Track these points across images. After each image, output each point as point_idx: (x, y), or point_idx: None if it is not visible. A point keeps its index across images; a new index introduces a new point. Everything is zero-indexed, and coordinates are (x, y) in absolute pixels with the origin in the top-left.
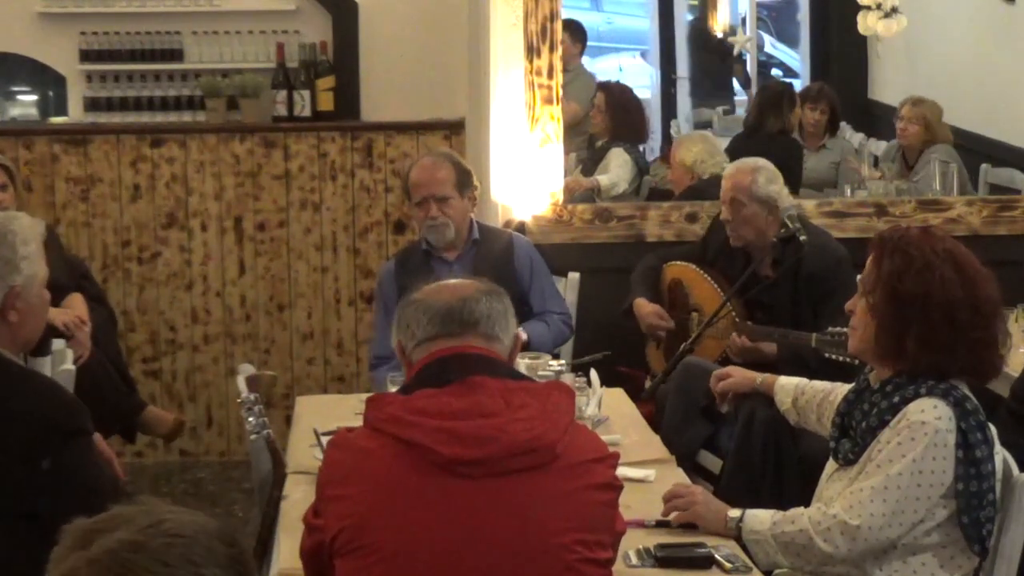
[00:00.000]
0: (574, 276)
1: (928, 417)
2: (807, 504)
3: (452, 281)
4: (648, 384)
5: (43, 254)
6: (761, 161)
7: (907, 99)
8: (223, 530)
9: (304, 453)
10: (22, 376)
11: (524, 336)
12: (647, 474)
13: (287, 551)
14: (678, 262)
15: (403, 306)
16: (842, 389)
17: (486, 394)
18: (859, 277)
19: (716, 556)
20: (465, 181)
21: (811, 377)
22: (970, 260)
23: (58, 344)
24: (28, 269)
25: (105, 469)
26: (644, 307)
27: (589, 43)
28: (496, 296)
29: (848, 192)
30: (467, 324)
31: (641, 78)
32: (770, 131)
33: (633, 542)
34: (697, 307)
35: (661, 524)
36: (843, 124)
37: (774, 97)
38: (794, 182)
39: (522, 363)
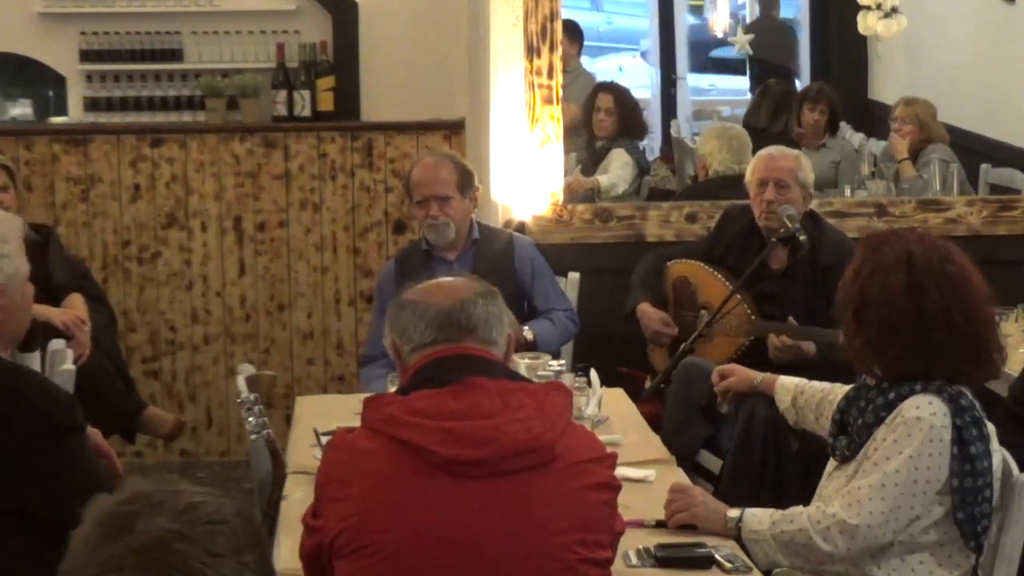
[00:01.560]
0: (574, 276)
1: (923, 413)
2: (807, 504)
3: (445, 280)
4: (648, 384)
5: (23, 250)
6: (798, 151)
7: (900, 100)
8: (245, 508)
9: (304, 453)
10: (10, 372)
11: (530, 336)
12: (647, 474)
13: (287, 551)
14: (683, 260)
15: (398, 307)
16: (841, 389)
17: (484, 395)
18: None
19: (716, 556)
20: (467, 182)
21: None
22: (932, 264)
23: (57, 344)
24: (8, 267)
25: (99, 465)
26: (649, 313)
27: (589, 43)
28: (491, 298)
29: (848, 192)
30: (465, 329)
31: (641, 78)
32: (773, 132)
33: (633, 542)
34: (706, 304)
35: (661, 524)
36: (843, 124)
37: (784, 97)
38: None
39: (522, 363)
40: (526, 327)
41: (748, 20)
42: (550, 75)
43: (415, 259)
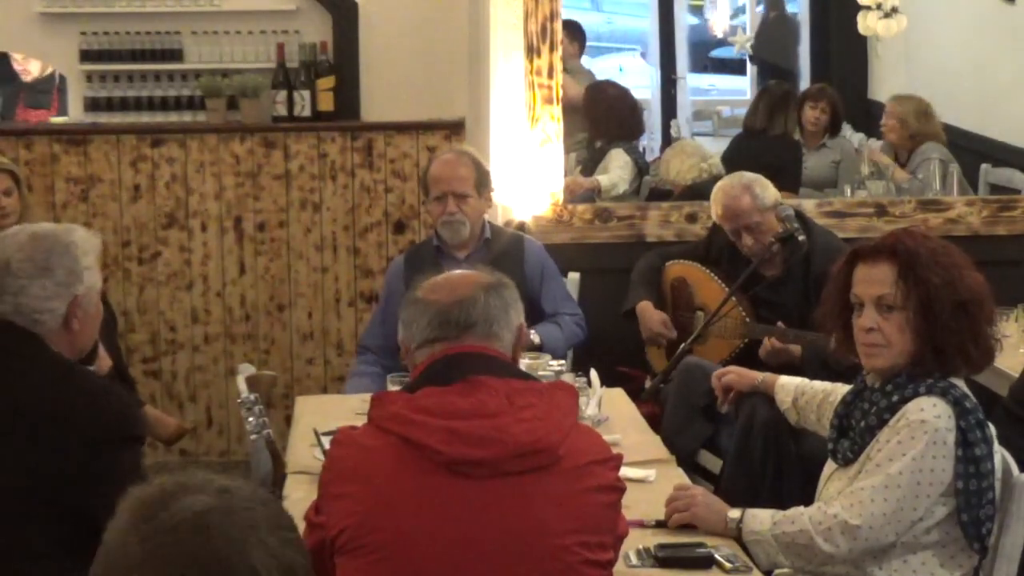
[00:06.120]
0: (574, 276)
1: (928, 416)
2: (807, 504)
3: (454, 274)
4: (648, 384)
5: (99, 265)
6: (747, 176)
7: (892, 97)
8: (275, 498)
9: (304, 453)
10: (83, 376)
11: (536, 340)
12: (647, 474)
13: None
14: (681, 261)
15: (408, 302)
16: (842, 390)
17: (490, 393)
18: (868, 293)
19: (716, 556)
20: (484, 181)
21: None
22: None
23: None
24: (89, 279)
25: (148, 476)
26: (650, 313)
27: (589, 43)
28: (495, 291)
29: (848, 192)
30: (464, 327)
31: (641, 78)
32: (772, 134)
33: (633, 542)
34: (703, 306)
35: (661, 524)
36: (843, 124)
37: (782, 99)
38: (794, 182)
39: (522, 363)
40: (532, 330)
41: (748, 20)
42: (550, 75)
43: (425, 256)
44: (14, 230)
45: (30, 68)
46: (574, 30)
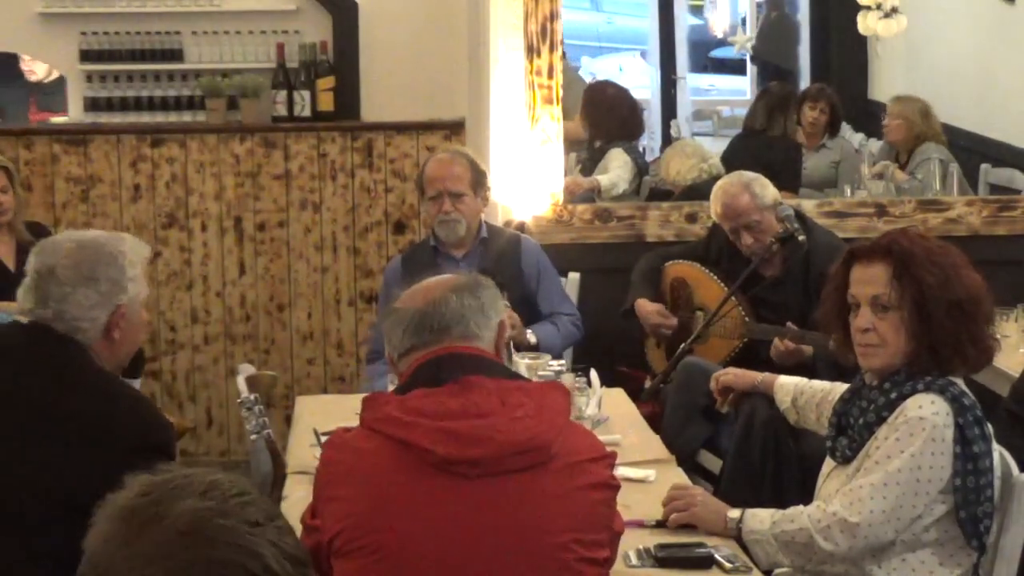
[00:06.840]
0: (574, 276)
1: (926, 413)
2: (807, 504)
3: (428, 281)
4: (648, 384)
5: (146, 276)
6: (746, 175)
7: (893, 97)
8: (251, 483)
9: (304, 453)
10: (121, 385)
11: (533, 340)
12: (647, 474)
13: None
14: (680, 261)
15: (386, 314)
16: (840, 388)
17: (482, 394)
18: (864, 293)
19: (716, 556)
20: (480, 180)
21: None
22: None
23: None
24: (133, 290)
25: None
26: (646, 307)
27: (589, 43)
28: (469, 292)
29: (848, 192)
30: (439, 330)
31: (641, 78)
32: (772, 135)
33: (633, 542)
34: (702, 306)
35: (661, 524)
36: (843, 124)
37: (783, 100)
38: (793, 182)
39: (522, 363)
40: (529, 330)
41: (749, 20)
42: (550, 75)
43: (422, 257)
44: (62, 237)
45: (36, 69)
46: None
